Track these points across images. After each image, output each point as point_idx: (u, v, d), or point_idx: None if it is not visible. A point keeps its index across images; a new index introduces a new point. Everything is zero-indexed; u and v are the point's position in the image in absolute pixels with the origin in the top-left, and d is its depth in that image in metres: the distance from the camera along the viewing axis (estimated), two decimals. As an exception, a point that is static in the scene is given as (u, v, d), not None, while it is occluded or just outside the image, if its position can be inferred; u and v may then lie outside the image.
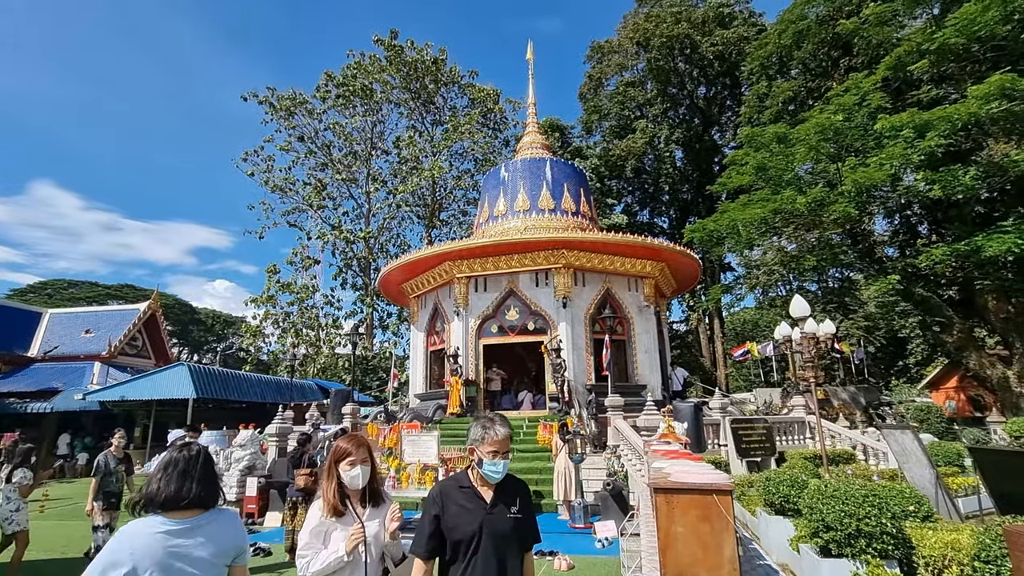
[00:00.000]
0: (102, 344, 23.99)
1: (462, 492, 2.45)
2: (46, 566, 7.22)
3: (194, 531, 2.08)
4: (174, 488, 2.10)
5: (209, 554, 2.08)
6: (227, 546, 2.16)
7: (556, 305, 15.89)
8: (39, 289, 54.90)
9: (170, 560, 1.99)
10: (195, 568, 2.04)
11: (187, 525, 2.07)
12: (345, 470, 2.54)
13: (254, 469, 10.26)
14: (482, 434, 2.47)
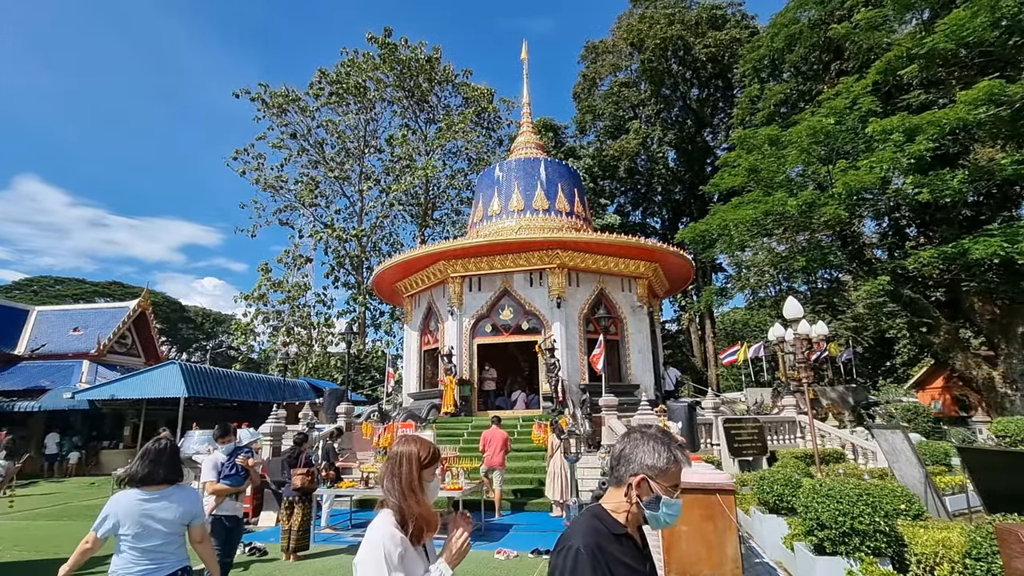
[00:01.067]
0: (91, 342, 23.72)
1: (620, 545, 1.59)
2: (16, 567, 7.16)
3: (160, 499, 3.02)
4: (148, 470, 3.04)
5: (172, 516, 3.01)
6: (186, 511, 3.09)
7: (550, 305, 15.95)
8: (24, 286, 54.17)
9: (142, 519, 2.93)
10: (161, 525, 2.97)
11: (156, 495, 3.02)
12: (429, 480, 2.02)
13: (248, 469, 10.21)
14: (668, 461, 1.64)
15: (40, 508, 12.18)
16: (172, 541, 3.02)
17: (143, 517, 2.94)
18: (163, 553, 2.98)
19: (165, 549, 2.99)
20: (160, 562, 2.96)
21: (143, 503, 2.97)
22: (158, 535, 2.96)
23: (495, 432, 10.16)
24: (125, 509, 2.93)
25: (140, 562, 2.91)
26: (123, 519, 2.91)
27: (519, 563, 6.73)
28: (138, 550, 2.93)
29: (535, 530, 8.55)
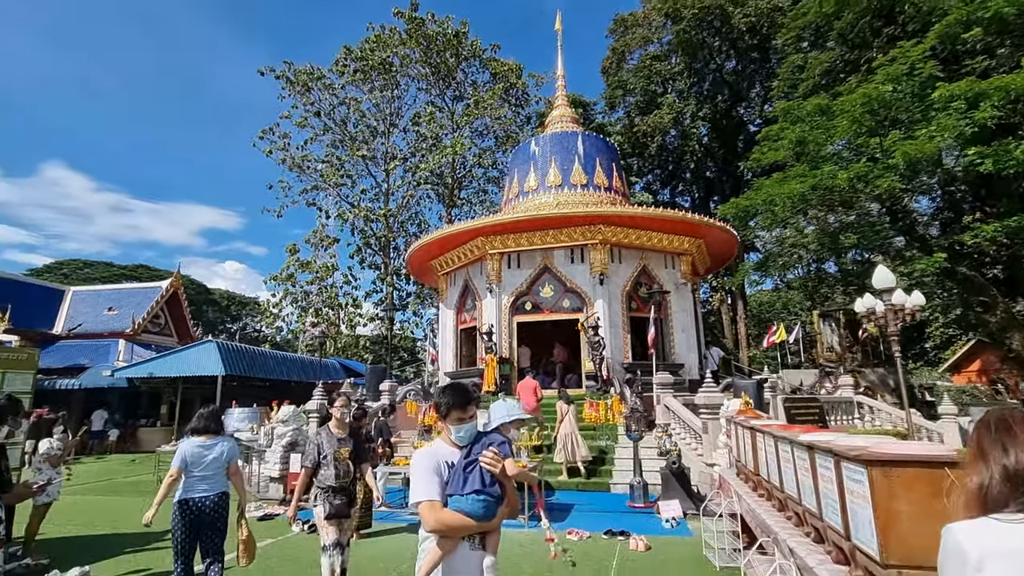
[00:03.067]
0: (125, 322, 23.93)
1: None
2: (77, 541, 7.02)
3: (209, 446, 4.31)
4: (202, 426, 4.40)
5: (217, 456, 4.31)
6: (226, 454, 4.38)
7: (592, 282, 15.45)
8: (55, 269, 55.15)
9: (200, 457, 4.23)
10: (211, 461, 4.26)
11: (208, 442, 4.33)
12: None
13: (296, 445, 10.02)
14: None
15: (88, 483, 12.22)
16: (218, 472, 4.35)
17: (199, 457, 4.28)
18: (214, 479, 4.33)
19: (215, 477, 4.34)
20: (212, 485, 4.31)
21: (199, 446, 4.31)
22: (210, 467, 4.30)
23: (527, 382, 11.53)
24: (189, 451, 4.27)
25: (200, 484, 4.27)
26: (189, 457, 4.25)
27: (594, 544, 6.37)
28: (197, 476, 4.26)
29: (599, 510, 8.19)
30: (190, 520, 4.16)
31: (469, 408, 2.34)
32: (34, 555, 6.10)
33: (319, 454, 4.48)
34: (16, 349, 5.40)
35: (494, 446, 2.28)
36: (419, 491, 2.18)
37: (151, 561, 6.06)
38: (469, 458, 2.24)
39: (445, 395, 2.39)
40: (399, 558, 5.98)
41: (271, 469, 9.95)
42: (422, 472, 2.22)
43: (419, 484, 2.21)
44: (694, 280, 17.74)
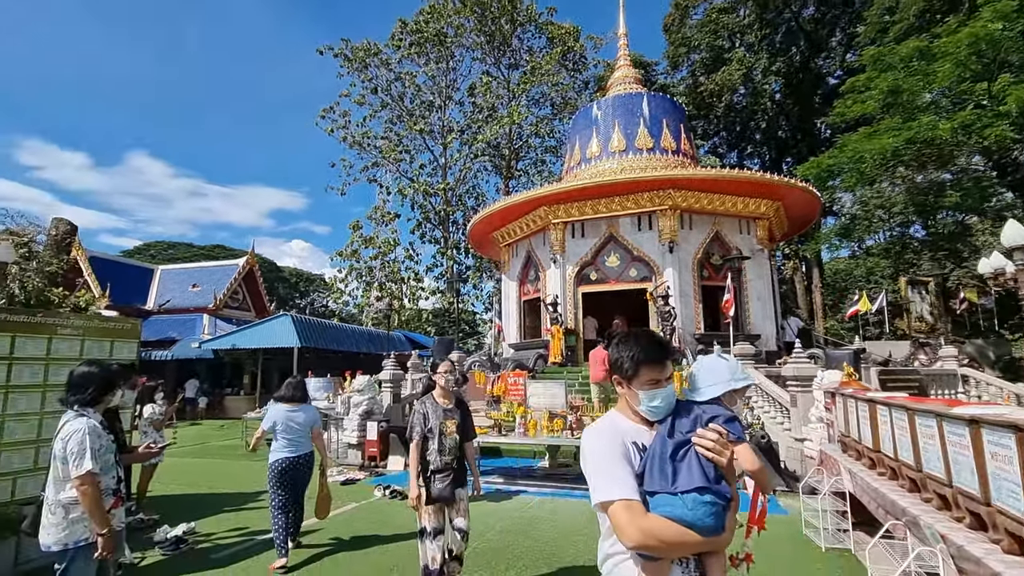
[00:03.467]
0: (208, 298, 25.45)
1: None
2: (181, 499, 7.49)
3: (295, 411, 4.95)
4: (290, 394, 5.03)
5: (302, 421, 4.96)
6: (310, 419, 5.04)
7: (661, 250, 14.82)
8: (143, 251, 59.54)
9: (287, 421, 4.88)
10: (297, 425, 4.91)
11: (294, 408, 4.97)
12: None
13: (372, 414, 10.29)
14: None
15: (184, 447, 13.15)
16: (304, 435, 4.98)
17: (288, 420, 4.92)
18: (300, 442, 4.95)
19: (301, 439, 4.96)
20: (299, 446, 4.95)
21: (287, 412, 4.96)
22: (296, 431, 4.94)
23: (597, 351, 10.80)
24: (278, 414, 4.93)
25: (287, 446, 4.89)
26: (277, 420, 4.90)
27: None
28: (286, 439, 4.90)
29: (679, 484, 7.90)
30: (284, 476, 4.85)
31: (666, 366, 1.62)
32: (146, 511, 6.54)
33: (424, 425, 3.84)
34: (121, 319, 5.67)
35: (719, 421, 1.57)
36: (605, 486, 1.50)
37: (248, 520, 6.36)
38: (677, 438, 1.54)
39: (629, 346, 1.65)
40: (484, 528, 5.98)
41: (349, 436, 10.28)
42: (606, 458, 1.55)
43: (604, 476, 1.52)
44: (770, 246, 16.69)
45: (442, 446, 3.78)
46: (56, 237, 21.25)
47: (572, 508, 6.63)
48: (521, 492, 7.52)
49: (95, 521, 2.88)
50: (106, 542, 2.88)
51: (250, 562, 4.90)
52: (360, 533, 5.74)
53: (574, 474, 8.53)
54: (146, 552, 5.19)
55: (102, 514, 2.89)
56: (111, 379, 3.23)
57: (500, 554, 4.99)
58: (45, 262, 20.44)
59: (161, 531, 5.66)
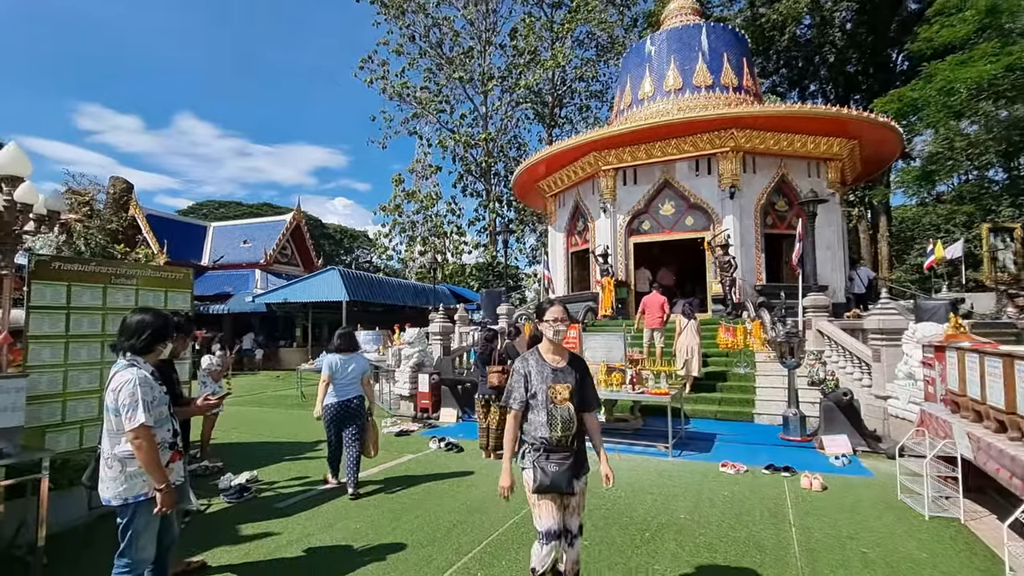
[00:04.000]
0: (258, 253, 26.04)
1: None
2: (242, 447, 7.61)
3: (348, 359, 5.45)
4: (343, 344, 5.52)
5: (354, 368, 5.46)
6: (360, 367, 5.52)
7: (721, 196, 13.86)
8: (196, 210, 61.61)
9: (341, 368, 5.40)
10: (350, 372, 5.43)
11: (346, 357, 5.45)
12: None
13: (423, 366, 10.21)
14: None
15: (243, 396, 13.62)
16: (355, 380, 5.47)
17: (342, 368, 5.40)
18: (352, 386, 5.45)
19: (352, 384, 5.46)
20: (351, 390, 5.44)
21: (342, 360, 5.42)
22: (348, 377, 5.42)
23: (654, 297, 10.89)
24: (334, 363, 5.41)
25: (343, 390, 5.41)
26: (334, 367, 5.38)
27: (755, 480, 5.71)
28: (341, 384, 5.40)
29: (745, 442, 7.47)
30: (337, 416, 5.46)
31: None
32: (210, 458, 6.65)
33: (527, 390, 2.81)
34: (173, 268, 5.54)
35: None
36: None
37: (307, 469, 6.36)
38: None
39: None
40: None
41: (401, 388, 10.27)
42: None
43: None
44: (842, 191, 15.37)
45: (552, 418, 2.73)
46: (114, 195, 21.93)
47: (635, 464, 6.32)
48: (579, 447, 7.27)
49: (152, 476, 2.71)
50: (164, 497, 2.72)
51: (312, 512, 4.84)
52: (417, 485, 5.62)
53: (631, 429, 8.21)
54: (211, 500, 5.22)
55: (159, 469, 2.72)
56: (165, 327, 3.00)
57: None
58: (106, 220, 21.17)
59: (225, 479, 5.70)
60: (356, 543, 4.12)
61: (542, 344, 2.94)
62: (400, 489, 5.50)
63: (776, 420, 8.52)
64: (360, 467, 5.47)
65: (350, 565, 3.73)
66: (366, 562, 3.77)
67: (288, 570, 3.71)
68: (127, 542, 2.75)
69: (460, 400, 9.67)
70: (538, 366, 2.83)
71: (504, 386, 6.26)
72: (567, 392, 2.77)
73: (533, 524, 2.77)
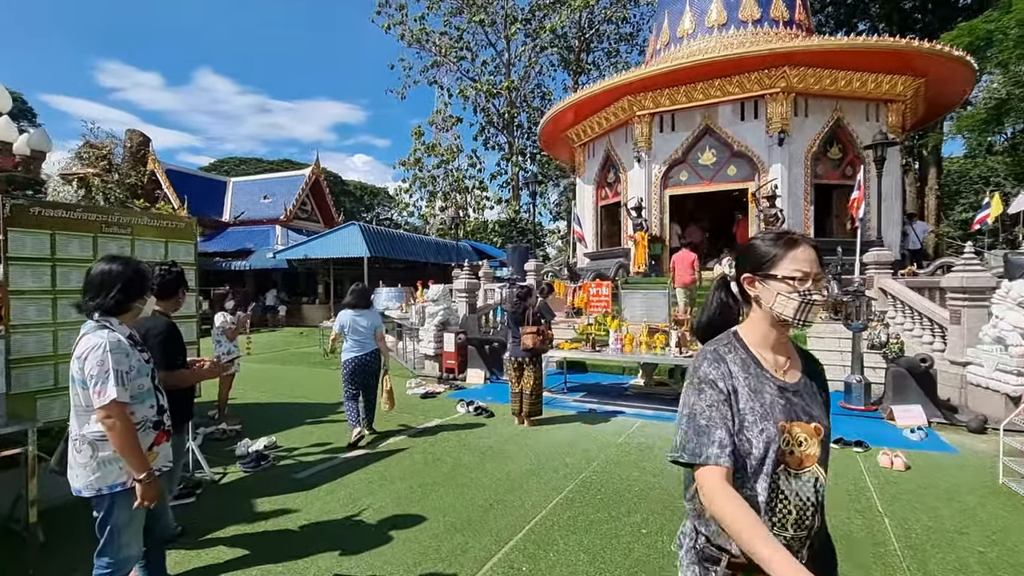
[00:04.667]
0: (278, 209, 25.63)
1: None
2: (263, 409, 7.25)
3: (360, 315, 5.63)
4: (355, 301, 5.67)
5: (366, 323, 5.64)
6: (373, 323, 5.70)
7: (769, 143, 12.73)
8: (217, 167, 61.28)
9: (354, 324, 5.60)
10: (362, 328, 5.61)
11: (359, 313, 5.63)
12: None
13: (448, 324, 9.71)
14: None
15: (265, 353, 13.39)
16: (368, 335, 5.61)
17: (354, 323, 5.58)
18: (366, 342, 5.60)
19: (365, 339, 5.59)
20: (365, 345, 5.59)
21: (353, 316, 5.59)
22: (362, 332, 5.58)
23: (683, 254, 10.39)
24: (346, 320, 5.59)
25: (355, 346, 5.57)
26: (346, 324, 5.58)
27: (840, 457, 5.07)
28: (353, 340, 5.57)
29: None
30: (354, 373, 5.61)
31: None
32: (229, 420, 6.29)
33: (731, 426, 1.31)
34: (175, 217, 4.96)
35: None
36: None
37: (330, 434, 5.96)
38: None
39: None
40: (586, 458, 5.24)
41: (426, 347, 9.81)
42: None
43: None
44: (902, 137, 14.02)
45: (779, 499, 1.28)
46: (131, 148, 21.53)
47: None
48: (617, 413, 6.72)
49: (130, 464, 2.19)
50: (145, 489, 2.21)
51: (334, 485, 4.40)
52: (446, 455, 5.15)
53: (673, 393, 7.62)
54: (227, 468, 4.83)
55: (138, 454, 2.20)
56: (138, 279, 2.43)
57: (616, 493, 4.21)
58: (124, 174, 20.79)
59: (243, 444, 5.31)
60: (382, 526, 3.66)
61: (750, 330, 1.41)
62: (428, 459, 5.03)
63: (831, 385, 7.83)
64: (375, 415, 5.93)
65: (376, 557, 3.26)
66: (394, 552, 3.30)
67: (305, 560, 3.25)
68: (106, 539, 2.27)
69: (488, 361, 9.18)
70: (750, 377, 1.34)
71: (539, 348, 5.65)
72: (815, 442, 1.30)
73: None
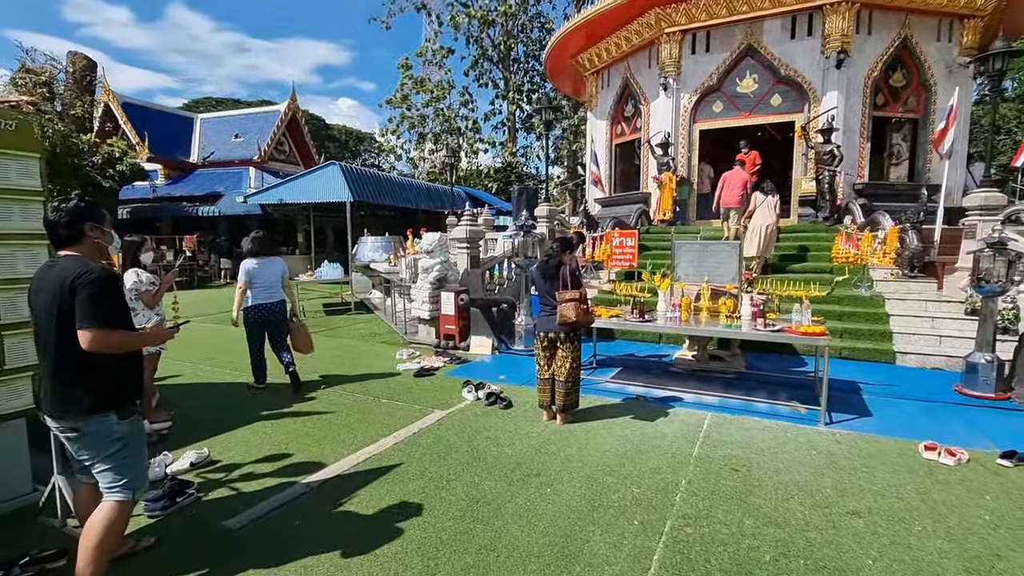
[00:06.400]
0: (252, 149, 23.21)
1: None
2: (202, 392, 5.60)
3: (264, 264, 5.48)
4: (256, 248, 5.50)
5: (270, 272, 5.49)
6: (278, 271, 5.55)
7: (823, 65, 10.74)
8: (192, 108, 57.28)
9: (257, 274, 5.41)
10: (268, 277, 5.47)
11: (262, 261, 5.48)
12: None
13: (446, 281, 7.98)
14: None
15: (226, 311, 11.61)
16: (275, 284, 5.53)
17: (258, 274, 5.44)
18: (272, 290, 5.51)
19: (272, 288, 5.51)
20: (271, 294, 5.50)
21: (256, 265, 5.45)
22: (267, 281, 5.48)
23: (737, 172, 9.43)
24: (249, 268, 5.43)
25: (260, 294, 5.45)
26: (251, 273, 5.42)
27: (1001, 480, 3.54)
28: (259, 288, 5.45)
29: (906, 396, 5.30)
30: (259, 320, 5.48)
31: None
32: (154, 416, 4.63)
33: None
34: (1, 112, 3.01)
35: None
36: None
37: (293, 438, 4.34)
38: None
39: None
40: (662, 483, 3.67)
41: (419, 309, 8.11)
42: None
43: None
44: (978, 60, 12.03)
45: None
46: (74, 74, 18.77)
47: (774, 437, 4.20)
48: (672, 401, 5.15)
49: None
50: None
51: (283, 546, 2.78)
52: (456, 479, 3.55)
53: (733, 372, 6.05)
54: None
55: None
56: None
57: (738, 565, 2.64)
58: (68, 104, 18.15)
59: (158, 462, 3.67)
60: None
61: None
62: (430, 488, 3.42)
63: (927, 362, 6.34)
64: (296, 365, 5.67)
65: None
66: None
67: None
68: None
69: (496, 326, 7.53)
70: None
71: (583, 320, 3.97)
72: None
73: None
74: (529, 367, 6.56)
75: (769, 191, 8.64)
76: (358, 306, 11.94)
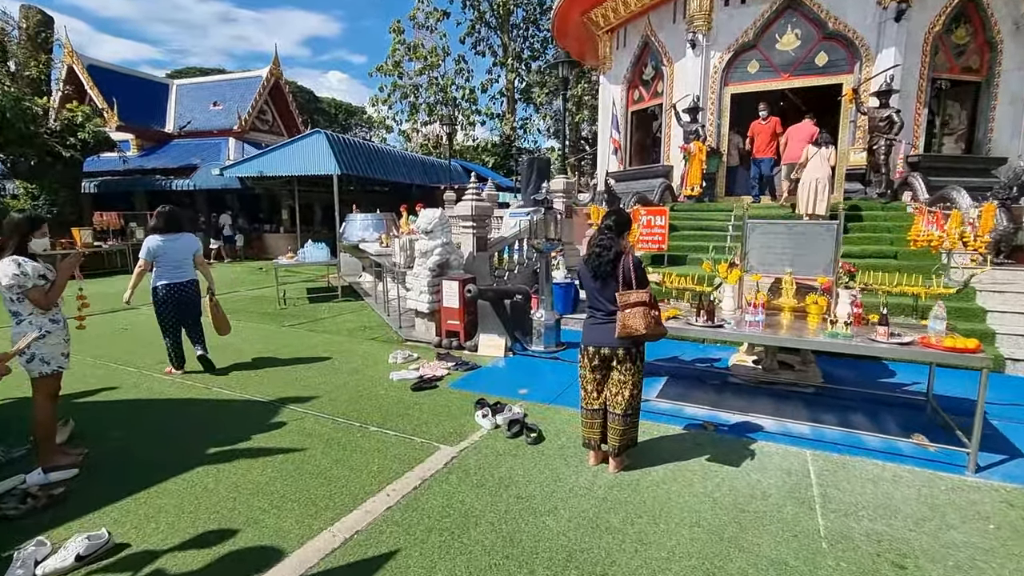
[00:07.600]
0: (232, 119, 21.47)
1: None
2: (136, 414, 4.34)
3: (172, 240, 5.13)
4: (164, 224, 5.16)
5: (180, 249, 5.17)
6: (189, 248, 5.25)
7: (879, 18, 9.35)
8: (175, 77, 54.80)
9: (164, 251, 5.08)
10: (176, 254, 5.15)
11: (169, 238, 5.12)
12: None
13: (448, 267, 6.69)
14: None
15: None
16: (184, 262, 5.21)
17: (164, 251, 5.10)
18: (182, 269, 5.20)
19: (182, 266, 5.21)
20: (182, 273, 5.20)
21: (163, 243, 5.10)
22: (176, 259, 5.16)
23: (805, 125, 8.96)
24: (154, 246, 5.08)
25: (171, 273, 5.14)
26: (155, 251, 5.08)
27: None
28: (166, 267, 5.13)
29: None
30: (167, 301, 5.17)
31: None
32: (52, 461, 3.35)
33: None
34: None
35: None
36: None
37: (240, 503, 3.12)
38: None
39: None
40: None
41: (417, 300, 6.80)
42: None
43: None
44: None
45: None
46: (28, 30, 16.93)
47: (918, 494, 3.02)
48: (754, 433, 3.94)
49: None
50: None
51: None
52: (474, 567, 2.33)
53: (811, 387, 4.84)
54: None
55: None
56: None
57: None
58: (23, 64, 16.34)
59: (25, 557, 2.41)
60: None
61: None
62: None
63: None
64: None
65: None
66: None
67: None
68: None
69: (508, 322, 6.26)
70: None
71: (655, 331, 2.72)
72: None
73: None
74: (552, 374, 5.33)
75: (824, 142, 8.14)
76: (346, 291, 10.66)
